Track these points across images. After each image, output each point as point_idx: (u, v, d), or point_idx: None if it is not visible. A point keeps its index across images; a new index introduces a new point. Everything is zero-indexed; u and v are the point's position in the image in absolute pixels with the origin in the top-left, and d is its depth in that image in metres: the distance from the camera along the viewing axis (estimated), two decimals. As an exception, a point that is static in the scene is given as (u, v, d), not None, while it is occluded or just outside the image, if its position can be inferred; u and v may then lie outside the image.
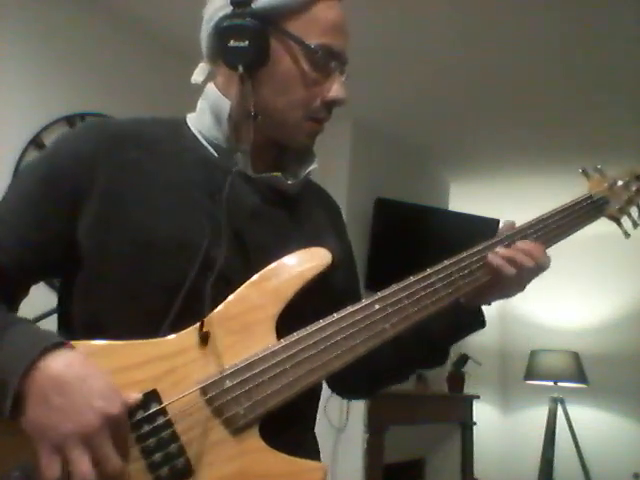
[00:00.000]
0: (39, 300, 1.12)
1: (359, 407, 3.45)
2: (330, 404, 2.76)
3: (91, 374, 0.76)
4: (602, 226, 1.30)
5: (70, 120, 2.60)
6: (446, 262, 1.01)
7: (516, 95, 3.44)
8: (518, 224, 1.12)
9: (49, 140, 2.51)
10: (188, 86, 1.03)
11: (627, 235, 1.25)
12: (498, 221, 4.37)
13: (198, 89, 1.03)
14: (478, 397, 4.60)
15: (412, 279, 0.97)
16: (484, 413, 5.12)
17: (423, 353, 1.09)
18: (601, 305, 5.35)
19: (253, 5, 0.91)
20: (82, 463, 0.72)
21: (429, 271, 0.99)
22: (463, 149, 4.29)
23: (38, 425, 0.73)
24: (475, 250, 1.04)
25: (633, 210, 1.25)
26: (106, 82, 2.74)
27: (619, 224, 1.25)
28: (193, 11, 1.03)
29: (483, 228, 4.20)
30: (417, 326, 0.97)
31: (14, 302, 0.90)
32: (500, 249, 1.04)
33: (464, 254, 1.03)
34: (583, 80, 3.21)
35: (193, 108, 1.03)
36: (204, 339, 0.84)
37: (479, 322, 1.09)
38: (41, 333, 0.81)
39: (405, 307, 0.95)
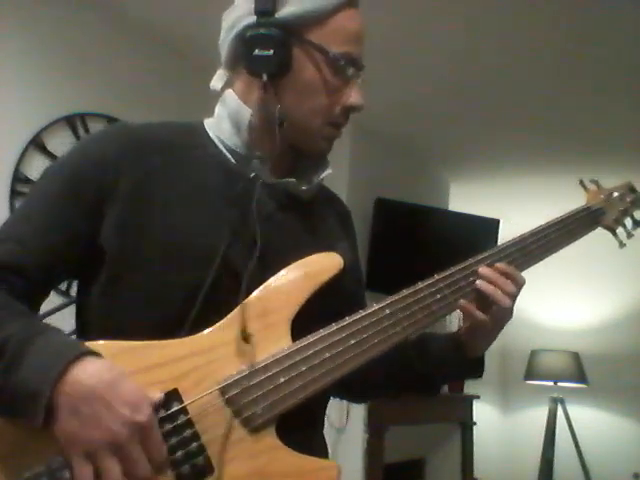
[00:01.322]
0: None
1: (359, 407, 3.45)
2: (330, 404, 2.77)
3: (118, 381, 0.77)
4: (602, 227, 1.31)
5: (70, 120, 2.60)
6: (452, 269, 1.04)
7: (516, 96, 3.44)
8: (517, 224, 1.14)
9: (49, 140, 2.52)
10: (188, 86, 1.04)
11: (622, 245, 1.30)
12: (498, 221, 4.37)
13: (199, 89, 1.03)
14: (478, 397, 4.60)
15: (420, 284, 1.00)
16: (484, 413, 5.12)
17: (416, 385, 1.15)
18: (601, 305, 5.34)
19: (277, 14, 0.93)
20: (112, 471, 0.74)
21: (436, 277, 1.02)
22: (463, 149, 4.29)
23: (70, 434, 0.75)
24: (480, 258, 1.07)
25: (627, 221, 1.30)
26: (106, 82, 2.74)
27: (614, 234, 1.29)
28: (193, 11, 1.03)
29: (483, 228, 4.20)
30: (416, 360, 1.06)
31: (35, 303, 0.92)
32: (486, 274, 1.04)
33: (470, 261, 1.06)
34: (583, 81, 3.21)
35: (193, 108, 1.03)
36: (246, 339, 0.87)
37: (477, 371, 1.12)
38: (66, 342, 0.83)
39: (414, 312, 0.98)
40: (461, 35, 2.87)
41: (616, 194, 1.29)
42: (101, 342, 0.84)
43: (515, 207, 4.85)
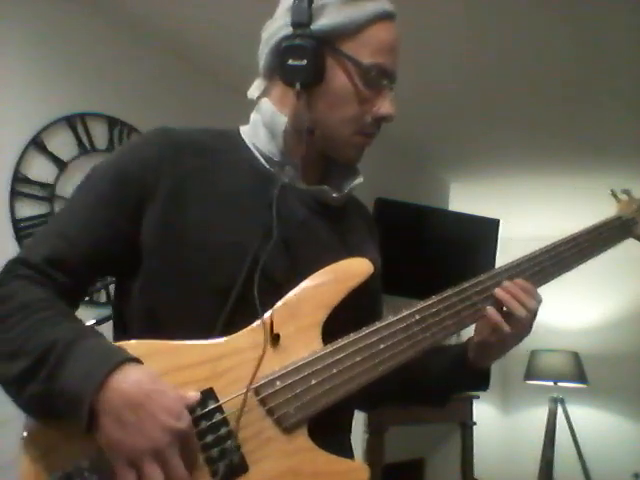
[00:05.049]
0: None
1: (359, 407, 3.45)
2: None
3: (159, 390, 0.80)
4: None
5: (70, 120, 2.60)
6: (482, 276, 1.05)
7: (516, 95, 3.44)
8: (517, 224, 1.15)
9: (49, 140, 2.52)
10: (189, 86, 1.05)
11: None
12: (498, 221, 4.37)
13: (199, 89, 1.04)
14: (478, 397, 4.60)
15: (450, 292, 1.03)
16: (484, 413, 5.12)
17: (423, 397, 1.18)
18: (601, 305, 5.35)
19: (312, 26, 0.97)
20: (155, 476, 0.76)
21: (465, 284, 1.04)
22: (463, 149, 4.29)
23: (113, 441, 0.78)
24: (510, 266, 1.08)
25: None
26: (106, 82, 2.73)
27: None
28: (194, 12, 1.04)
29: (483, 228, 4.20)
30: (422, 376, 1.07)
31: (76, 300, 0.96)
32: (506, 287, 1.05)
33: (499, 269, 1.07)
34: (583, 81, 3.21)
35: (193, 108, 1.05)
36: (275, 340, 0.90)
37: (483, 383, 1.12)
38: (108, 348, 0.85)
39: (444, 318, 1.00)
40: (461, 35, 2.87)
41: None
42: (133, 342, 0.87)
43: (515, 207, 4.85)
